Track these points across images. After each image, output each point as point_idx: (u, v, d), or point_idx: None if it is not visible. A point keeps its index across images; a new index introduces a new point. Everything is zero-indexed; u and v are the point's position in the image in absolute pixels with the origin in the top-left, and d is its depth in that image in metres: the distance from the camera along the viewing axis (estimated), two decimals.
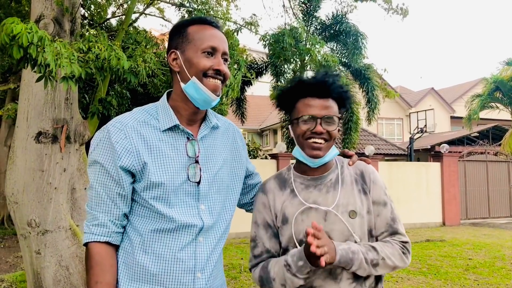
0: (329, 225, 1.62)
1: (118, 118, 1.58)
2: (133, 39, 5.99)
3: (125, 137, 1.51)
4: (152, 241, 1.51)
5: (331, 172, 1.73)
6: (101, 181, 1.50)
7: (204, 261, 1.57)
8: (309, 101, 1.67)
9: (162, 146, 1.54)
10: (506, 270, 7.05)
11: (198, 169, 1.58)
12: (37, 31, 2.96)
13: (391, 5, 6.68)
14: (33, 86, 4.27)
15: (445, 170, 13.52)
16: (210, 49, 1.57)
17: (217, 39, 1.59)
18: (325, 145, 1.65)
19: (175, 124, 1.57)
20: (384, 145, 21.08)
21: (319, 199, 1.67)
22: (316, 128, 1.63)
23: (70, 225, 4.39)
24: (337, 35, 14.57)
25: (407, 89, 35.75)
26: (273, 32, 6.68)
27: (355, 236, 1.61)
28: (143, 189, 1.51)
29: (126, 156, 1.49)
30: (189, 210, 1.55)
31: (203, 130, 1.65)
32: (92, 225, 1.50)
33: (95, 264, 1.47)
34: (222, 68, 1.57)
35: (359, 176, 1.73)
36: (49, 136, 4.31)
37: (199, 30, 1.60)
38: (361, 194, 1.69)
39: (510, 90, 19.79)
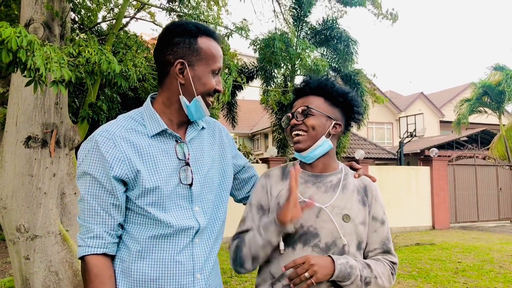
0: (320, 222, 1.64)
1: (104, 127, 1.54)
2: (124, 43, 5.98)
3: (115, 146, 1.48)
4: (151, 247, 1.50)
5: (333, 174, 1.76)
6: (93, 193, 1.47)
7: (203, 262, 1.57)
8: (295, 102, 1.82)
9: (152, 151, 1.53)
10: (495, 273, 7.11)
11: (189, 171, 1.57)
12: (27, 35, 2.95)
13: (381, 10, 6.75)
14: (23, 91, 4.24)
15: (435, 174, 13.63)
16: (217, 69, 1.61)
17: (221, 59, 1.63)
18: (305, 137, 1.71)
19: (164, 129, 1.56)
20: (374, 149, 21.18)
21: (316, 196, 1.69)
22: (291, 121, 1.76)
23: (60, 230, 4.36)
24: (328, 40, 14.65)
25: (397, 94, 36.00)
26: (264, 37, 6.69)
27: (343, 239, 1.62)
28: (138, 197, 1.49)
29: (118, 166, 1.46)
30: (184, 213, 1.55)
31: (191, 132, 1.65)
32: (87, 237, 1.47)
33: (94, 276, 1.45)
34: (220, 89, 1.62)
35: (362, 189, 1.76)
36: (38, 140, 4.28)
37: (209, 47, 1.58)
38: (360, 204, 1.71)
39: (498, 95, 20.01)
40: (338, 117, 1.78)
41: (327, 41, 14.64)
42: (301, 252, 1.62)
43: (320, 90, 1.76)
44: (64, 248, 4.34)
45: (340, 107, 1.79)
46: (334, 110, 1.77)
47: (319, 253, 1.61)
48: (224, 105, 15.65)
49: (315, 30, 14.79)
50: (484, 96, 20.79)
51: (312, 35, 14.74)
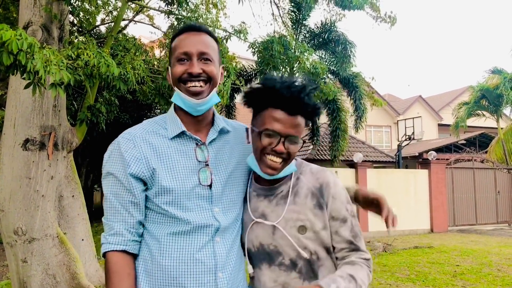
0: (277, 239, 1.58)
1: (128, 130, 1.62)
2: (122, 46, 5.98)
3: (134, 146, 1.54)
4: (170, 244, 1.53)
5: (284, 183, 1.64)
6: (114, 191, 1.53)
7: (224, 260, 1.57)
8: (278, 114, 1.52)
9: (170, 152, 1.57)
10: (493, 276, 7.11)
11: (209, 172, 1.60)
12: (27, 37, 2.95)
13: (379, 13, 6.77)
14: (21, 93, 4.24)
15: (433, 177, 13.64)
16: (183, 55, 1.58)
17: (190, 43, 1.60)
18: (282, 165, 1.56)
19: (182, 131, 1.60)
20: (372, 152, 21.19)
21: (268, 210, 1.62)
22: (278, 147, 1.51)
23: (58, 233, 4.35)
24: (326, 44, 14.67)
25: (395, 97, 36.05)
26: (262, 40, 6.70)
27: (301, 252, 1.55)
28: (155, 195, 1.53)
29: (135, 164, 1.52)
30: (204, 213, 1.56)
31: (211, 134, 1.67)
32: (109, 235, 1.52)
33: (112, 273, 1.49)
34: (193, 70, 1.56)
35: (317, 190, 1.60)
36: (36, 143, 4.27)
37: (177, 41, 1.63)
38: (316, 209, 1.58)
39: (495, 98, 20.06)
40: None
41: (325, 44, 14.66)
42: (268, 272, 1.59)
43: (308, 111, 1.56)
44: (62, 251, 4.32)
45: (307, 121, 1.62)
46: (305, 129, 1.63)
47: (286, 271, 1.57)
48: (222, 108, 15.65)
49: (314, 33, 14.81)
50: (482, 100, 20.84)
51: (311, 38, 14.76)
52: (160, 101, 5.91)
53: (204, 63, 1.59)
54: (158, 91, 5.76)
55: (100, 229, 14.36)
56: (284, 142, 1.51)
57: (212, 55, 1.61)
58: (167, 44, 8.56)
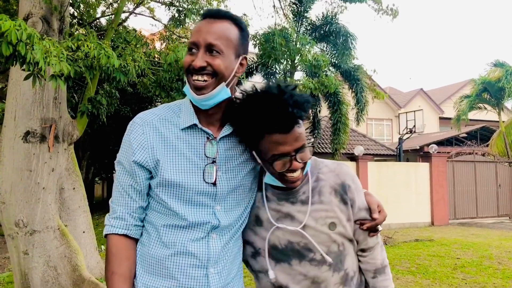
0: (307, 237, 1.58)
1: (141, 113, 1.61)
2: (123, 38, 5.96)
3: (143, 132, 1.53)
4: (166, 235, 1.53)
5: (304, 184, 1.63)
6: (119, 177, 1.56)
7: (217, 256, 1.55)
8: (278, 138, 1.46)
9: (179, 144, 1.53)
10: (493, 269, 7.13)
11: (214, 169, 1.54)
12: (26, 28, 2.93)
13: (381, 5, 6.73)
14: (21, 85, 4.23)
15: (434, 171, 13.63)
16: (191, 45, 1.50)
17: (200, 32, 1.50)
18: (301, 174, 1.55)
19: (194, 123, 1.54)
20: (373, 145, 21.18)
21: (294, 212, 1.61)
22: (294, 165, 1.49)
23: (59, 225, 4.35)
24: (327, 36, 14.62)
25: (397, 90, 35.98)
26: (264, 32, 6.67)
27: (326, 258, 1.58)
28: (157, 186, 1.52)
29: (140, 152, 1.51)
30: (204, 209, 1.54)
31: (224, 131, 1.58)
32: (112, 217, 1.55)
33: (111, 255, 1.52)
34: (195, 63, 1.46)
35: (339, 187, 1.63)
36: (37, 135, 4.27)
37: (194, 28, 1.56)
38: (341, 205, 1.62)
39: (497, 91, 20.00)
40: None
41: (326, 36, 14.62)
42: (298, 267, 1.59)
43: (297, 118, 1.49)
44: (63, 243, 4.33)
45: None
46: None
47: (317, 266, 1.58)
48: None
49: (315, 25, 14.76)
50: (484, 93, 20.78)
51: (312, 31, 14.70)
52: (161, 94, 5.89)
53: (211, 56, 1.47)
54: (158, 83, 5.74)
55: (101, 221, 14.40)
56: (295, 158, 1.49)
57: (222, 47, 1.48)
58: (167, 36, 8.54)
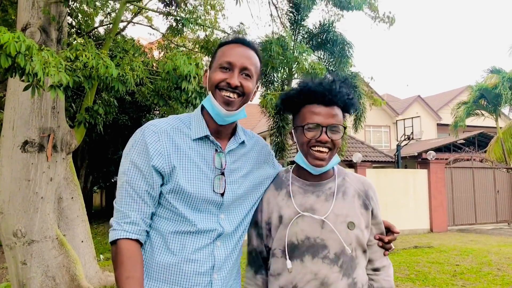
0: (326, 233, 1.62)
1: (153, 121, 1.65)
2: (121, 47, 5.98)
3: (158, 139, 1.57)
4: (172, 242, 1.56)
5: (331, 181, 1.72)
6: (132, 180, 1.55)
7: (221, 263, 1.61)
8: (315, 108, 1.64)
9: (191, 153, 1.60)
10: (493, 276, 7.11)
11: (223, 181, 1.63)
12: (25, 40, 2.95)
13: (378, 13, 6.77)
14: (19, 95, 4.24)
15: (432, 177, 13.64)
16: (226, 64, 1.61)
17: (236, 54, 1.63)
18: (328, 155, 1.64)
19: (206, 135, 1.63)
20: (371, 152, 21.19)
21: (317, 205, 1.66)
22: (321, 136, 1.61)
23: (57, 235, 4.34)
24: (324, 44, 14.69)
25: (394, 97, 36.07)
26: (261, 41, 6.71)
27: (346, 248, 1.60)
28: (169, 192, 1.56)
29: (157, 158, 1.54)
30: (210, 217, 1.60)
31: (231, 144, 1.70)
32: (124, 222, 1.53)
33: (126, 259, 1.50)
34: (232, 81, 1.59)
35: (363, 192, 1.73)
36: (35, 145, 4.27)
37: (225, 49, 1.66)
38: (362, 209, 1.69)
39: (494, 97, 20.08)
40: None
41: (323, 44, 14.69)
42: (310, 265, 1.61)
43: (343, 101, 1.68)
44: (61, 253, 4.32)
45: (344, 114, 1.73)
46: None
47: (329, 264, 1.60)
48: None
49: (312, 33, 14.84)
50: (481, 99, 20.86)
51: (309, 39, 14.78)
52: (159, 102, 5.91)
53: (244, 78, 1.63)
54: (157, 92, 5.75)
55: (99, 231, 14.33)
56: (326, 131, 1.61)
57: (253, 72, 1.65)
58: (166, 45, 8.57)
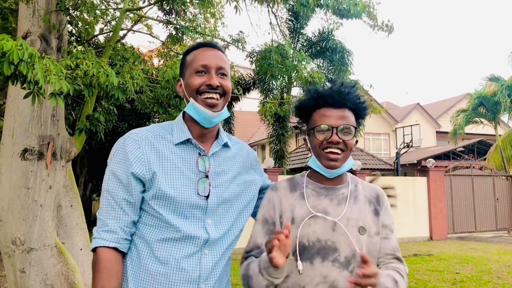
0: (337, 235, 1.62)
1: (134, 130, 1.68)
2: (121, 55, 6.00)
3: (138, 147, 1.59)
4: (158, 250, 1.56)
5: (345, 186, 1.75)
6: (112, 189, 1.57)
7: (209, 272, 1.60)
8: (325, 111, 1.68)
9: (173, 158, 1.61)
10: (493, 284, 7.09)
11: (207, 183, 1.63)
12: (27, 48, 2.96)
13: (377, 22, 6.79)
14: (19, 103, 4.25)
15: (432, 185, 13.64)
16: (202, 67, 1.64)
17: (209, 57, 1.66)
18: (341, 156, 1.67)
19: (188, 138, 1.64)
20: (371, 160, 21.20)
21: (329, 208, 1.68)
22: (332, 137, 1.64)
23: (56, 243, 4.33)
24: (324, 52, 14.76)
25: (393, 105, 36.15)
26: (260, 49, 6.74)
27: (358, 251, 1.59)
28: (152, 198, 1.56)
29: (137, 164, 1.56)
30: (195, 222, 1.59)
31: (214, 147, 1.71)
32: (102, 230, 1.55)
33: (102, 268, 1.51)
34: (213, 82, 1.62)
35: (374, 198, 1.75)
36: (35, 153, 4.27)
37: (194, 55, 1.69)
38: (373, 215, 1.71)
39: (493, 105, 20.12)
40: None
41: (323, 52, 14.76)
42: (320, 267, 1.60)
43: (353, 104, 1.70)
44: (60, 261, 4.30)
45: (357, 120, 1.75)
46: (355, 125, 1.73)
47: (339, 268, 1.59)
48: None
49: (311, 41, 14.92)
50: (480, 107, 20.90)
51: (308, 47, 14.85)
52: (158, 110, 5.92)
53: (221, 78, 1.67)
54: (156, 100, 5.77)
55: None
56: (337, 133, 1.64)
57: (227, 71, 1.71)
58: (165, 53, 8.60)
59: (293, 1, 5.97)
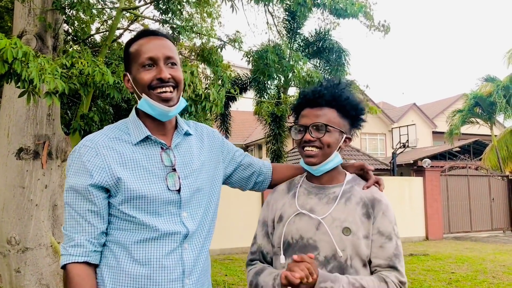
0: (319, 234, 1.61)
1: (88, 137, 1.58)
2: (117, 55, 5.98)
3: (96, 154, 1.50)
4: (138, 251, 1.50)
5: (337, 186, 1.72)
6: (72, 202, 1.49)
7: (191, 267, 1.56)
8: (305, 111, 1.72)
9: (136, 158, 1.54)
10: (488, 283, 7.12)
11: (176, 177, 1.57)
12: (22, 46, 2.95)
13: (373, 22, 6.80)
14: (15, 102, 4.23)
15: (428, 185, 13.67)
16: (148, 61, 1.55)
17: (154, 48, 1.56)
18: (319, 153, 1.66)
19: (147, 135, 1.57)
20: (367, 160, 21.24)
21: (317, 207, 1.67)
22: (305, 136, 1.67)
23: (51, 243, 4.32)
24: (320, 52, 14.77)
25: (390, 105, 36.21)
26: (257, 49, 6.74)
27: (338, 251, 1.57)
28: (122, 202, 1.49)
29: (98, 173, 1.48)
30: (172, 218, 1.54)
31: (176, 138, 1.64)
32: (69, 246, 1.47)
33: (74, 285, 1.45)
34: (163, 75, 1.53)
35: (369, 201, 1.68)
36: (30, 152, 4.26)
37: (137, 47, 1.59)
38: (363, 217, 1.64)
39: (489, 105, 20.20)
40: (347, 129, 1.74)
41: (319, 52, 14.77)
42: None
43: (334, 102, 1.69)
44: (56, 261, 4.29)
45: (349, 118, 1.74)
46: (344, 123, 1.72)
47: (318, 266, 1.57)
48: (217, 116, 15.68)
49: (308, 41, 14.92)
50: (476, 107, 20.99)
51: (305, 47, 14.86)
52: None
53: (171, 68, 1.57)
54: None
55: None
56: (310, 131, 1.65)
57: (176, 59, 1.60)
58: None
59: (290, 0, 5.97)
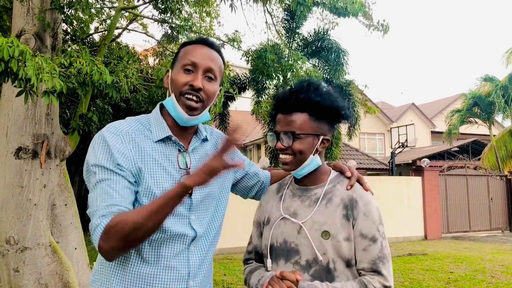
0: (300, 238, 1.61)
1: (113, 124, 1.57)
2: (116, 54, 5.98)
3: (121, 141, 1.50)
4: (146, 251, 1.51)
5: (319, 187, 1.69)
6: (102, 179, 1.42)
7: (196, 269, 1.58)
8: (278, 117, 1.67)
9: (155, 155, 1.54)
10: (487, 283, 7.13)
11: None
12: (18, 45, 2.95)
13: (372, 21, 6.80)
14: (13, 101, 4.23)
15: (426, 184, 13.68)
16: (190, 64, 1.57)
17: (200, 55, 1.59)
18: (292, 160, 1.63)
19: (168, 135, 1.58)
20: (366, 159, 21.26)
21: (300, 210, 1.66)
22: (276, 145, 1.64)
23: (50, 242, 4.31)
24: (319, 52, 14.76)
25: (388, 105, 36.23)
26: (256, 48, 6.73)
27: (318, 255, 1.56)
28: (141, 195, 1.49)
29: (122, 159, 1.46)
30: (181, 220, 1.55)
31: (194, 142, 1.66)
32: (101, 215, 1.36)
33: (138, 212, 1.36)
34: (196, 83, 1.54)
35: (349, 201, 1.61)
36: (29, 151, 4.25)
37: (188, 49, 1.62)
38: (343, 219, 1.59)
39: (487, 105, 20.22)
40: (325, 129, 1.66)
41: (318, 52, 14.76)
42: (283, 268, 1.61)
43: (304, 106, 1.61)
44: (54, 260, 4.29)
45: (326, 118, 1.65)
46: (320, 124, 1.64)
47: (300, 270, 1.57)
48: (216, 116, 15.67)
49: (307, 41, 14.91)
50: (475, 107, 21.00)
51: (304, 46, 14.85)
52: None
53: (208, 81, 1.59)
54: (151, 99, 5.75)
55: None
56: (281, 140, 1.62)
57: (217, 74, 1.63)
58: (161, 52, 8.58)
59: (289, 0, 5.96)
